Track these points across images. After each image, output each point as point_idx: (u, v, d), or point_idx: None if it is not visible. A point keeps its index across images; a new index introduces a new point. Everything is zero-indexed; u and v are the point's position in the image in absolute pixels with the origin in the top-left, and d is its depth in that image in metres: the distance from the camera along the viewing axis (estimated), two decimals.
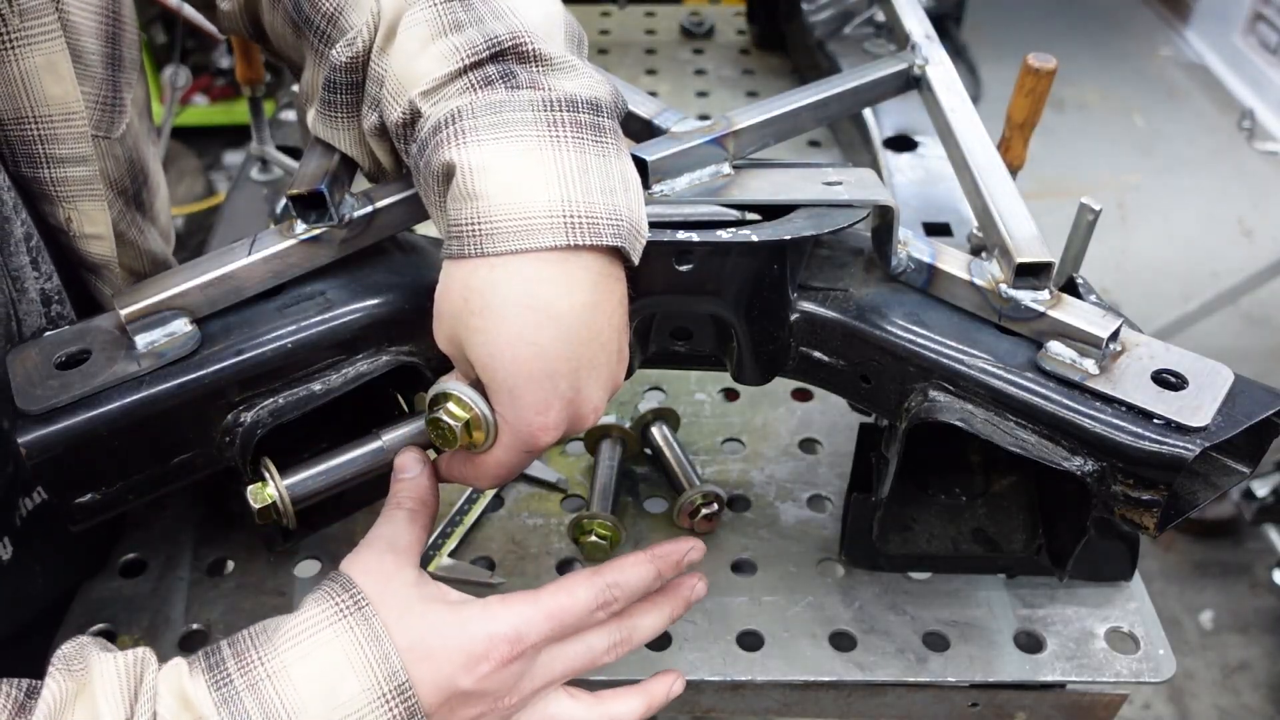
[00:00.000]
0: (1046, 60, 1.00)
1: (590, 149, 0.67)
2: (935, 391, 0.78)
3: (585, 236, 0.65)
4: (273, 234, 0.78)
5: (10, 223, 0.75)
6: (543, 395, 0.66)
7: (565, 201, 0.65)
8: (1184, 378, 0.72)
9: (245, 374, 0.75)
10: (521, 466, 0.72)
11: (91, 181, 0.80)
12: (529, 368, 0.65)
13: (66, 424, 0.70)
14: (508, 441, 0.69)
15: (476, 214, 0.64)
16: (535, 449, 0.69)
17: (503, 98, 0.67)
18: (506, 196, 0.64)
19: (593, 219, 0.65)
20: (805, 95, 0.93)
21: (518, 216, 0.64)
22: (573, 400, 0.68)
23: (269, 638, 0.66)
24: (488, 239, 0.64)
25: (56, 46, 0.74)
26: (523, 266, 0.64)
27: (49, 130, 0.76)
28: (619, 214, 0.66)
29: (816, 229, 0.77)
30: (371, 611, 0.66)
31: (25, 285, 0.77)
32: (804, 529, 1.00)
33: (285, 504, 0.74)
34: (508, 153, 0.65)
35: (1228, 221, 3.37)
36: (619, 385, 0.72)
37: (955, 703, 0.90)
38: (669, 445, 1.06)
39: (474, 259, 0.65)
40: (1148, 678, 0.87)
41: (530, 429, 0.68)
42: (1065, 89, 3.79)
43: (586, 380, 0.68)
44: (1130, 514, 0.72)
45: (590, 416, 0.70)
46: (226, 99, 3.44)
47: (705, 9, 1.92)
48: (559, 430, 0.69)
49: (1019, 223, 0.81)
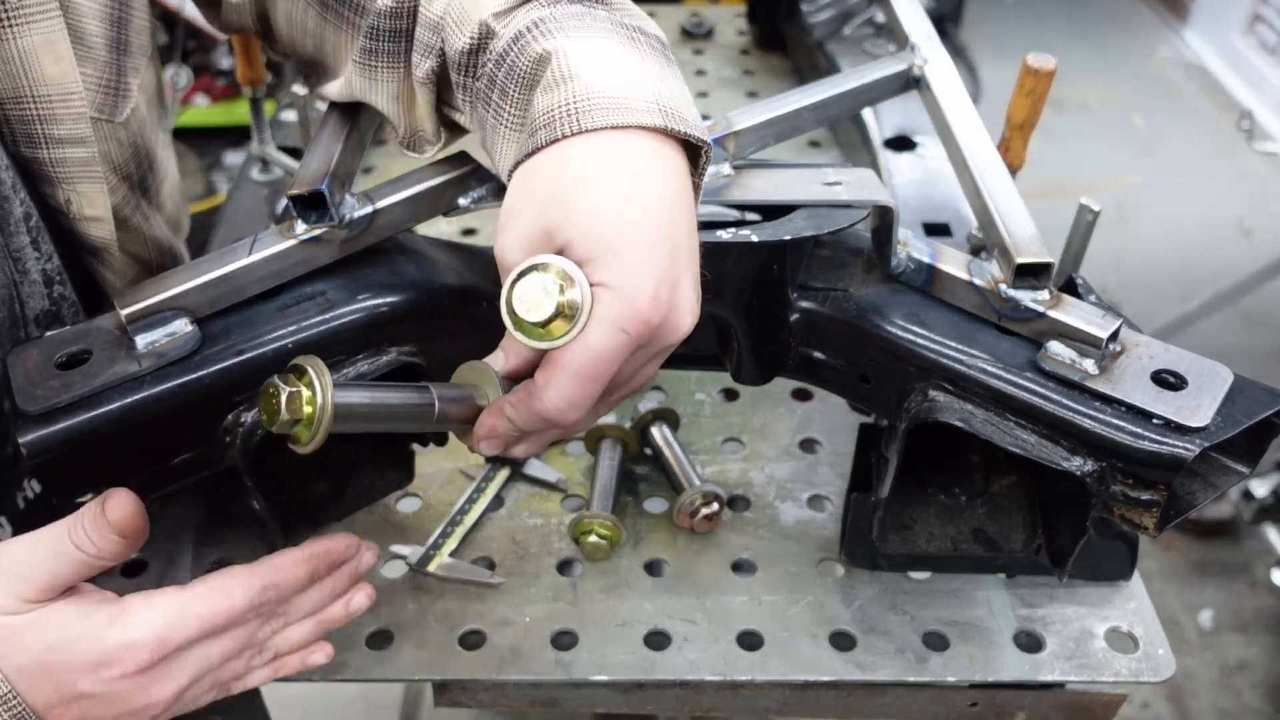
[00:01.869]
0: (1046, 60, 1.00)
1: (667, 68, 0.69)
2: (935, 391, 0.78)
3: (680, 124, 0.64)
4: (273, 234, 0.78)
5: (9, 202, 0.75)
6: (648, 255, 0.60)
7: (658, 95, 0.64)
8: (1184, 378, 0.72)
9: (245, 374, 0.75)
10: (613, 365, 0.60)
11: (90, 163, 0.80)
12: (633, 222, 0.60)
13: (67, 424, 0.70)
14: (607, 313, 0.59)
15: (574, 95, 0.63)
16: (636, 326, 0.59)
17: (582, 10, 0.69)
18: (605, 79, 0.64)
19: (680, 114, 0.64)
20: (805, 95, 0.93)
21: (618, 95, 0.63)
22: (675, 283, 0.61)
23: None
24: (586, 115, 0.62)
25: (55, 26, 0.74)
26: (623, 141, 0.62)
27: (48, 110, 0.76)
28: (699, 122, 0.66)
29: (816, 229, 0.77)
30: None
31: (27, 266, 0.77)
32: (804, 529, 1.00)
33: (325, 408, 0.59)
34: (598, 44, 0.66)
35: (1228, 221, 3.37)
36: (696, 316, 0.64)
37: (955, 702, 0.90)
38: (669, 445, 1.06)
39: (568, 139, 0.62)
40: (1147, 677, 0.87)
41: (636, 294, 0.59)
42: (1065, 89, 3.79)
43: (684, 270, 0.62)
44: (1130, 514, 0.72)
45: (687, 316, 0.62)
46: (227, 99, 3.44)
47: (705, 9, 1.92)
48: (661, 311, 0.60)
49: (1019, 223, 0.81)
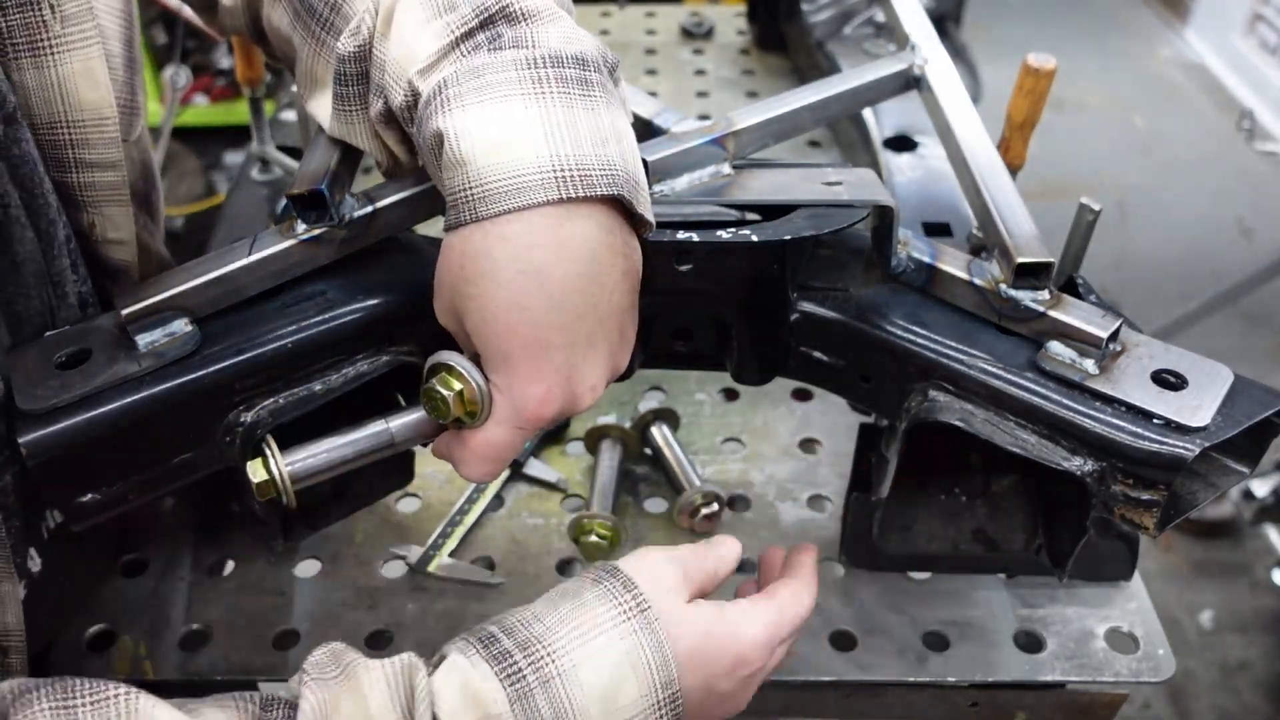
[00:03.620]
0: (1046, 60, 1.00)
1: (578, 103, 0.65)
2: (935, 391, 0.78)
3: (579, 188, 0.62)
4: (273, 234, 0.78)
5: (55, 225, 0.76)
6: (536, 365, 0.64)
7: (555, 156, 0.63)
8: (1184, 378, 0.72)
9: (245, 374, 0.75)
10: (513, 449, 0.69)
11: (119, 187, 0.81)
12: (522, 335, 0.64)
13: (66, 424, 0.70)
14: (501, 415, 0.67)
15: (467, 179, 0.63)
16: (529, 424, 0.67)
17: (485, 61, 0.66)
18: (494, 157, 0.63)
19: (584, 170, 0.63)
20: (805, 95, 0.93)
21: (508, 176, 0.62)
22: (569, 377, 0.66)
23: (552, 631, 0.66)
24: (480, 203, 0.63)
25: (95, 53, 0.75)
26: (517, 229, 0.63)
27: (80, 135, 0.76)
28: (613, 164, 0.64)
29: (816, 229, 0.77)
30: (654, 615, 0.67)
31: (65, 289, 0.78)
32: (804, 529, 1.00)
33: (284, 483, 0.71)
34: (490, 114, 0.64)
35: (1228, 221, 3.36)
36: (620, 368, 0.70)
37: (955, 702, 0.90)
38: (669, 445, 1.06)
39: (469, 225, 0.64)
40: (1147, 677, 0.87)
41: (524, 400, 0.65)
42: (1065, 89, 3.79)
43: (584, 356, 0.66)
44: (1130, 514, 0.72)
45: (587, 396, 0.67)
46: (226, 99, 3.44)
47: (705, 9, 1.92)
48: (554, 407, 0.66)
49: (1019, 223, 0.81)
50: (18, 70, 0.72)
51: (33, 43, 0.72)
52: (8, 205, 0.70)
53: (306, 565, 0.97)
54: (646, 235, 0.69)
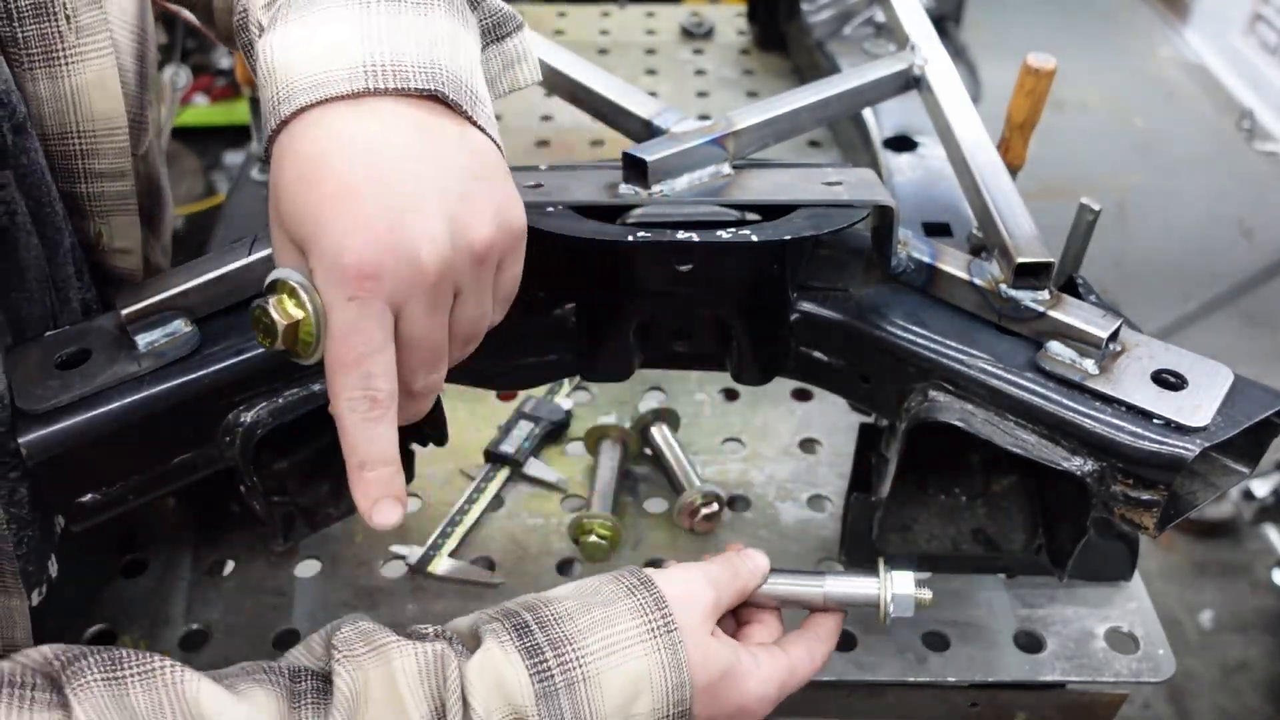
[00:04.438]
0: (1046, 60, 1.00)
1: (409, 12, 0.62)
2: (935, 391, 0.78)
3: (389, 80, 0.58)
4: None
5: (60, 234, 0.76)
6: (345, 212, 0.55)
7: (368, 54, 0.58)
8: (1184, 378, 0.72)
9: (245, 373, 0.75)
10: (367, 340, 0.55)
11: (128, 196, 0.81)
12: (327, 189, 0.56)
13: (67, 424, 0.70)
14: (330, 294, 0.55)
15: (275, 88, 0.59)
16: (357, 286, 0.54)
17: None
18: (302, 63, 0.59)
19: (399, 67, 0.58)
20: (805, 95, 0.93)
21: (314, 74, 0.58)
22: (391, 224, 0.55)
23: (582, 635, 0.66)
24: (284, 103, 0.58)
25: (108, 64, 0.75)
26: (316, 116, 0.58)
27: (91, 145, 0.77)
28: (438, 65, 0.60)
29: (816, 229, 0.77)
30: (679, 638, 0.67)
31: (69, 296, 0.78)
32: (804, 529, 1.00)
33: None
34: (309, 27, 0.61)
35: (1228, 221, 3.36)
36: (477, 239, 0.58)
37: (955, 703, 0.90)
38: (669, 445, 1.06)
39: (278, 135, 0.59)
40: (1147, 677, 0.87)
41: (339, 254, 0.54)
42: (1065, 89, 3.79)
43: (406, 201, 0.56)
44: (1130, 514, 0.72)
45: (425, 246, 0.55)
46: (226, 99, 3.43)
47: (705, 9, 1.92)
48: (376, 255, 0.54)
49: (1019, 223, 0.81)
50: (31, 80, 0.73)
51: (48, 53, 0.73)
52: (14, 213, 0.71)
53: (306, 565, 0.97)
54: None
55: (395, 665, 0.63)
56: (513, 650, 0.64)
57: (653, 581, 0.70)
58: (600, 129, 1.30)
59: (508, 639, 0.65)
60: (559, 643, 0.65)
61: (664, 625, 0.67)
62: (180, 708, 0.59)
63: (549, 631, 0.66)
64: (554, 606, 0.68)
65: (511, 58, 0.77)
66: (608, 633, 0.67)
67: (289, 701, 0.62)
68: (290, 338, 0.56)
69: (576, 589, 0.71)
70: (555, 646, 0.65)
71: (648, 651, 0.66)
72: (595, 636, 0.66)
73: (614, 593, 0.69)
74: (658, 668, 0.66)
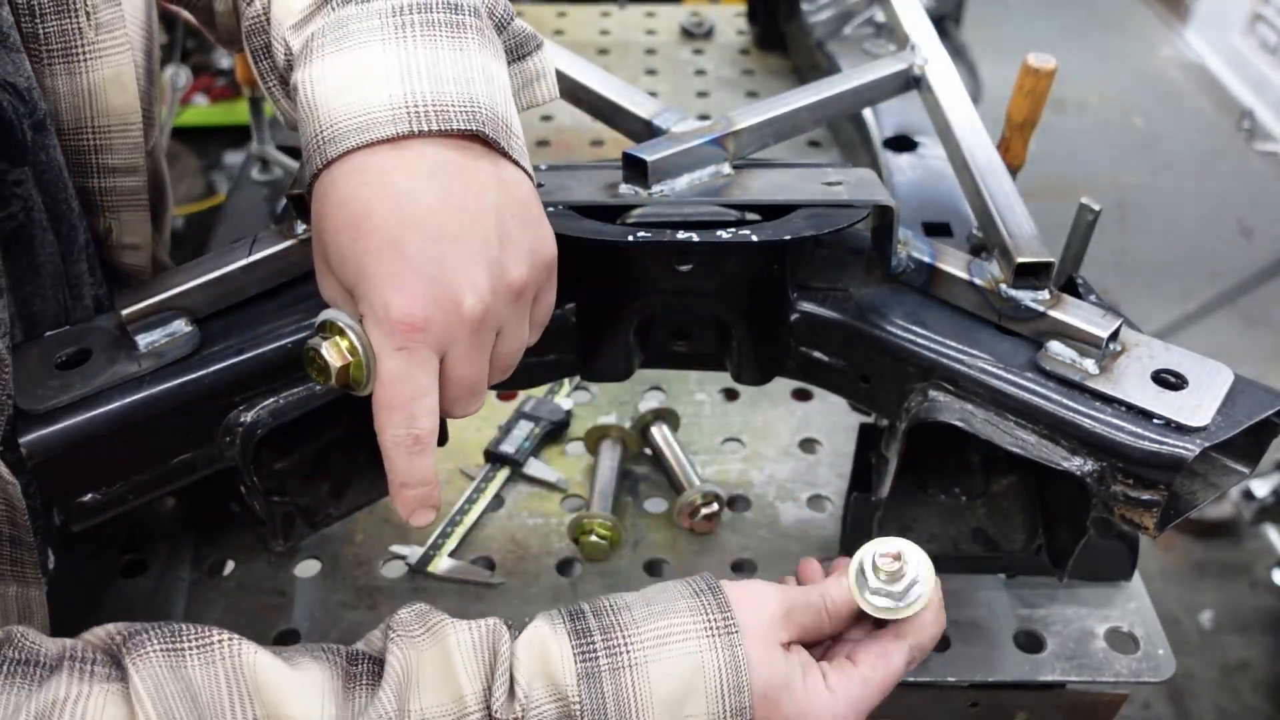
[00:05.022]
0: (1046, 60, 1.00)
1: (444, 44, 0.63)
2: (935, 391, 0.78)
3: (432, 122, 0.59)
4: (273, 234, 0.78)
5: (75, 230, 0.76)
6: (391, 267, 0.58)
7: (409, 94, 0.60)
8: (1184, 378, 0.72)
9: (245, 374, 0.75)
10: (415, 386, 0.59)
11: (139, 192, 0.81)
12: (372, 242, 0.58)
13: (67, 424, 0.70)
14: (379, 342, 0.59)
15: (318, 125, 0.61)
16: (405, 338, 0.58)
17: (351, 12, 0.64)
18: (344, 99, 0.60)
19: (441, 106, 0.60)
20: (805, 95, 0.93)
21: (357, 114, 0.59)
22: (435, 275, 0.58)
23: (635, 624, 0.65)
24: (329, 144, 0.60)
25: (125, 60, 0.76)
26: (362, 161, 0.59)
27: (105, 140, 0.77)
28: (476, 103, 0.61)
29: (816, 229, 0.77)
30: (739, 640, 0.65)
31: (82, 292, 0.78)
32: (804, 529, 1.00)
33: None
34: (347, 60, 0.62)
35: (1228, 221, 3.36)
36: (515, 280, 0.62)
37: (955, 702, 0.90)
38: (669, 445, 1.06)
39: (320, 175, 0.60)
40: (1147, 677, 0.87)
41: (387, 308, 0.57)
42: (1065, 89, 3.79)
43: (450, 251, 0.58)
44: (1130, 514, 0.72)
45: (468, 296, 0.59)
46: (226, 99, 3.43)
47: (705, 9, 1.92)
48: (423, 309, 0.58)
49: (1019, 223, 0.81)
50: (50, 76, 0.73)
51: (67, 49, 0.73)
52: (30, 209, 0.71)
53: (306, 565, 0.97)
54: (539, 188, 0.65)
55: (450, 643, 0.63)
56: (562, 630, 0.64)
57: (720, 587, 0.68)
58: (600, 129, 1.30)
59: (559, 621, 0.65)
60: (609, 629, 0.65)
61: (724, 625, 0.65)
62: (237, 678, 0.59)
63: (602, 619, 0.66)
64: (616, 598, 0.68)
65: (531, 75, 0.77)
66: (662, 624, 0.65)
67: (344, 680, 0.62)
68: (343, 377, 0.60)
69: (643, 591, 0.70)
70: (605, 632, 0.65)
71: (703, 648, 0.64)
72: (649, 627, 0.65)
73: (679, 592, 0.68)
74: (713, 666, 0.64)
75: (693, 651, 0.64)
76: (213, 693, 0.58)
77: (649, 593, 0.69)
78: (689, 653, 0.64)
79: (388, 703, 0.60)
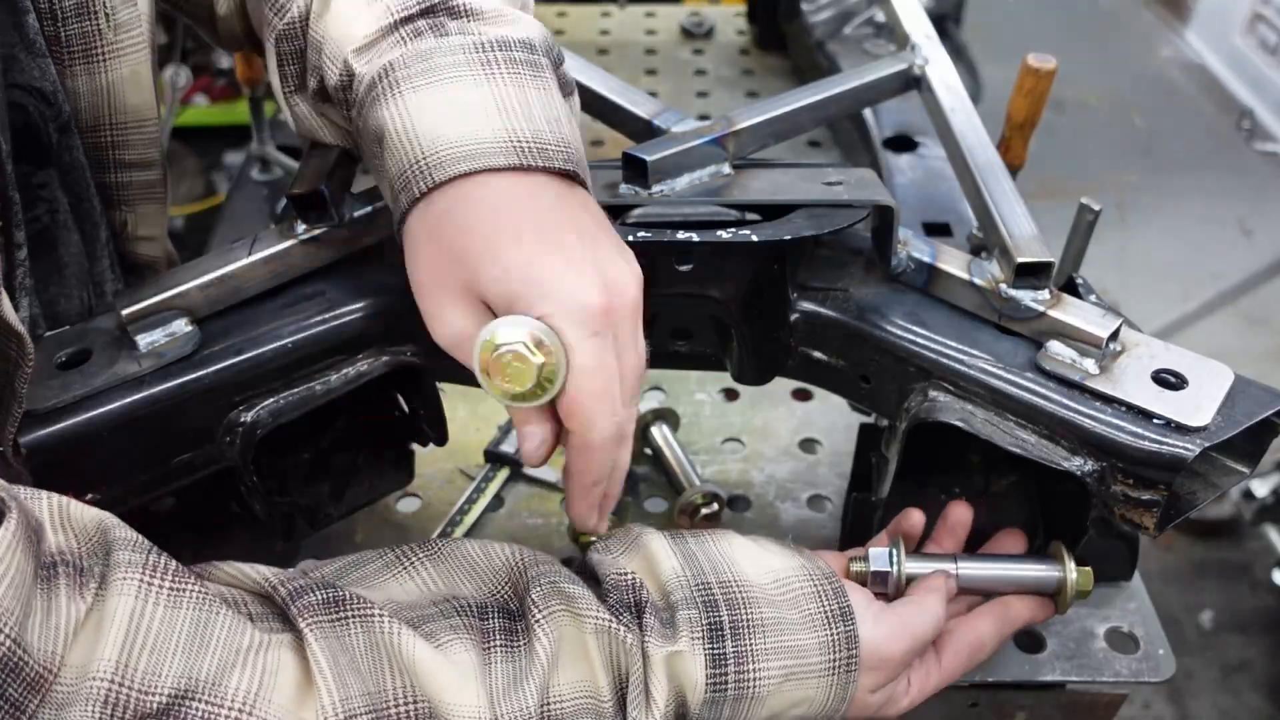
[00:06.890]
0: (1046, 60, 1.00)
1: (529, 83, 0.66)
2: (935, 391, 0.78)
3: (535, 158, 0.62)
4: (273, 234, 0.78)
5: (98, 228, 0.78)
6: (563, 258, 0.60)
7: (510, 130, 0.63)
8: (1184, 378, 0.72)
9: (245, 374, 0.75)
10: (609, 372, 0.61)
11: (156, 185, 0.82)
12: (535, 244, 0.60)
13: (67, 424, 0.70)
14: (572, 335, 0.59)
15: (420, 153, 0.62)
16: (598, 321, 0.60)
17: (432, 45, 0.66)
18: (449, 129, 0.62)
19: (541, 145, 0.63)
20: (805, 95, 0.93)
21: (465, 143, 0.62)
22: (595, 263, 0.61)
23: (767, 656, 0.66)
24: (437, 168, 0.62)
25: (142, 58, 0.77)
26: (478, 185, 0.62)
27: (121, 137, 0.78)
28: (568, 143, 0.65)
29: (816, 229, 0.77)
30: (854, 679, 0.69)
31: (104, 289, 0.79)
32: (804, 529, 1.00)
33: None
34: (444, 94, 0.64)
35: (1228, 221, 3.36)
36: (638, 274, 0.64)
37: (955, 703, 0.90)
38: (669, 445, 1.06)
39: (427, 197, 0.62)
40: (1147, 677, 0.87)
41: (574, 295, 0.59)
42: (1065, 89, 3.78)
43: (594, 246, 0.62)
44: (1130, 514, 0.72)
45: (624, 277, 0.62)
46: (226, 99, 3.43)
47: (705, 9, 1.92)
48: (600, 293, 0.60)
49: (1019, 223, 0.81)
50: (71, 77, 0.74)
51: (87, 50, 0.74)
52: (56, 211, 0.72)
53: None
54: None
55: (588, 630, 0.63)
56: (700, 654, 0.65)
57: (852, 613, 0.69)
58: (600, 129, 1.30)
59: (699, 638, 0.65)
60: (743, 657, 0.66)
61: (846, 664, 0.68)
62: (395, 657, 0.59)
63: (739, 643, 0.66)
64: (750, 610, 0.68)
65: None
66: (790, 662, 0.67)
67: (480, 648, 0.62)
68: (540, 377, 0.60)
69: (774, 577, 0.70)
70: (739, 661, 0.66)
71: (820, 687, 0.68)
72: (777, 663, 0.67)
73: (809, 615, 0.69)
74: (821, 698, 0.68)
75: (810, 688, 0.68)
76: (371, 666, 0.58)
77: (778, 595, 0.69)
78: (808, 688, 0.68)
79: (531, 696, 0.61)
